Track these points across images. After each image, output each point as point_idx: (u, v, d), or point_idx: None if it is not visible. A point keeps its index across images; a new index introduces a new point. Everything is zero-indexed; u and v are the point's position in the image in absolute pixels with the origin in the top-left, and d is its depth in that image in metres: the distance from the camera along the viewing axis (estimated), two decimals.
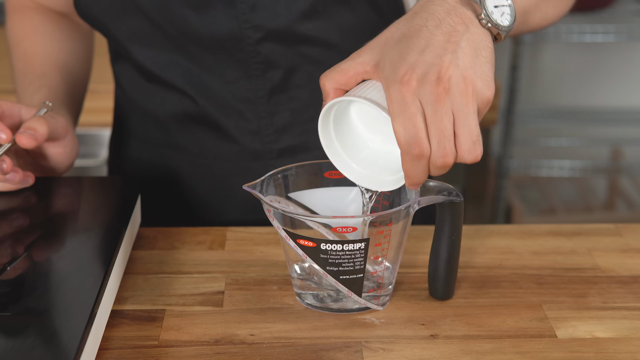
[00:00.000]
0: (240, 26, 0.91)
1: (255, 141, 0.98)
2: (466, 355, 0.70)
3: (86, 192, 0.88)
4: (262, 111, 0.96)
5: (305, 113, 0.97)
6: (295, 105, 0.97)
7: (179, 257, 0.85)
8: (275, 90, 0.95)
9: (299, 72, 0.95)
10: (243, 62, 0.93)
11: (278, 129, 0.97)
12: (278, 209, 0.72)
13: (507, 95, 2.18)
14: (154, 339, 0.72)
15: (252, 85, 0.95)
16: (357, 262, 0.72)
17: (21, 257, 0.75)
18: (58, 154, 0.89)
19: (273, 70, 0.94)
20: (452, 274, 0.77)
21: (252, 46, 0.92)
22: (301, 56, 0.94)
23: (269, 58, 0.93)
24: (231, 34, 0.91)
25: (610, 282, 0.82)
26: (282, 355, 0.70)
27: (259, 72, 0.94)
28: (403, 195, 0.77)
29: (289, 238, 0.71)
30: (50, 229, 0.79)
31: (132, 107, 1.03)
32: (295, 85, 0.96)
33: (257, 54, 0.93)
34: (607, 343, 0.72)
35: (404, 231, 0.74)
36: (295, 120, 0.97)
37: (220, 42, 0.92)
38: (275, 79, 0.95)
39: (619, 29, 2.16)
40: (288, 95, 0.96)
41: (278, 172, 0.77)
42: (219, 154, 0.99)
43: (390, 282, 0.77)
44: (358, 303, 0.75)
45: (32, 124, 0.83)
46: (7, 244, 0.76)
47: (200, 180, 1.02)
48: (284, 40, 0.93)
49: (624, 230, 0.91)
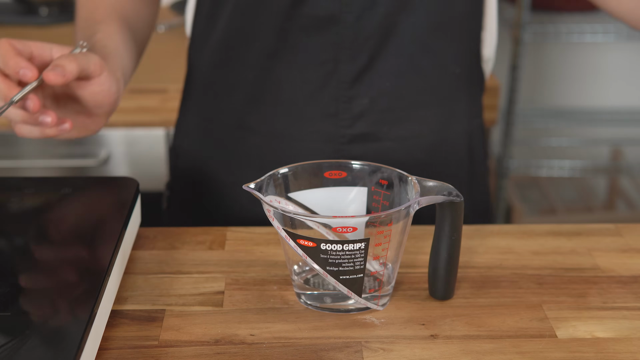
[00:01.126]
0: (341, 9, 0.95)
1: (331, 124, 1.00)
2: (466, 355, 0.70)
3: (86, 192, 0.87)
4: (343, 95, 0.99)
5: (382, 102, 1.00)
6: (374, 92, 0.99)
7: (179, 257, 0.85)
8: (359, 76, 0.98)
9: (383, 62, 0.98)
10: (336, 45, 0.97)
11: (355, 115, 1.00)
12: (278, 209, 0.72)
13: (507, 95, 2.18)
14: (154, 339, 0.72)
15: (339, 68, 0.98)
16: (357, 262, 0.72)
17: (21, 257, 0.75)
18: (95, 94, 0.83)
19: (362, 56, 0.97)
20: (452, 274, 0.77)
21: (347, 30, 0.96)
22: (387, 45, 0.98)
23: (362, 44, 0.97)
24: (331, 15, 0.95)
25: (610, 282, 0.82)
26: (282, 355, 0.70)
27: (348, 57, 0.97)
28: (403, 195, 0.77)
29: (289, 238, 0.71)
30: (51, 229, 0.79)
31: (206, 84, 1.05)
32: (378, 73, 0.98)
33: (352, 40, 0.96)
34: (607, 343, 0.72)
35: (404, 231, 0.74)
36: (373, 108, 1.00)
37: (319, 23, 0.96)
38: (362, 65, 0.98)
39: (619, 29, 2.16)
40: (370, 82, 0.99)
41: (278, 172, 0.77)
42: (291, 134, 1.01)
43: (390, 282, 0.77)
44: (358, 303, 0.75)
45: (60, 61, 0.78)
46: (7, 244, 0.76)
47: (270, 162, 1.01)
48: (377, 27, 0.96)
49: (624, 230, 0.91)
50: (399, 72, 0.99)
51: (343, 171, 0.79)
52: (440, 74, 1.01)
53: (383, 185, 0.78)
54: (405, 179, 0.76)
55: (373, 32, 0.97)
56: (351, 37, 0.97)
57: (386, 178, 0.78)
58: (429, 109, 1.02)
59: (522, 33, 2.08)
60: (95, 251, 0.75)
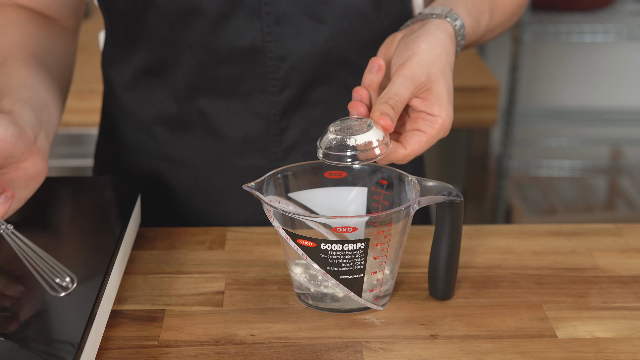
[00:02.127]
0: (263, 39, 0.89)
1: (262, 158, 0.95)
2: (466, 355, 0.70)
3: (86, 192, 0.87)
4: (274, 128, 0.94)
5: (315, 131, 0.95)
6: (306, 123, 0.95)
7: (179, 257, 0.85)
8: (289, 107, 0.93)
9: (314, 90, 0.93)
10: (261, 76, 0.91)
11: (287, 147, 0.95)
12: (278, 209, 0.72)
13: (507, 95, 2.18)
14: (154, 339, 0.72)
15: (266, 101, 0.93)
16: (357, 262, 0.72)
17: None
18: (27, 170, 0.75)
19: (290, 87, 0.92)
20: (452, 274, 0.77)
21: (272, 60, 0.90)
22: (319, 74, 0.92)
23: (288, 74, 0.91)
24: (253, 46, 0.89)
25: (610, 282, 0.82)
26: (282, 355, 0.70)
27: (276, 88, 0.92)
28: (403, 195, 0.77)
29: (289, 238, 0.71)
30: (51, 229, 0.79)
31: (125, 112, 0.98)
32: (310, 103, 0.94)
33: (277, 69, 0.91)
34: (607, 343, 0.72)
35: (404, 231, 0.74)
36: (304, 138, 0.95)
37: (240, 54, 0.90)
38: (292, 96, 0.93)
39: (619, 29, 2.16)
40: (301, 112, 0.94)
41: (278, 172, 0.77)
42: (220, 169, 0.97)
43: (390, 282, 0.77)
44: (358, 303, 0.75)
45: None
46: (7, 244, 0.76)
47: (198, 195, 0.98)
48: (306, 57, 0.90)
49: (624, 230, 0.91)
50: (331, 98, 0.94)
51: (343, 171, 0.78)
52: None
53: (383, 185, 0.78)
54: (405, 178, 0.76)
55: (301, 60, 0.91)
56: (277, 67, 0.91)
57: (386, 178, 0.78)
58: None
59: (522, 33, 2.08)
60: (95, 251, 0.75)
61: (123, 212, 0.82)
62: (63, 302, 0.67)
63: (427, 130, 0.76)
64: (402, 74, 0.76)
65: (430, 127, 0.76)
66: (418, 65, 0.76)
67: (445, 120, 0.76)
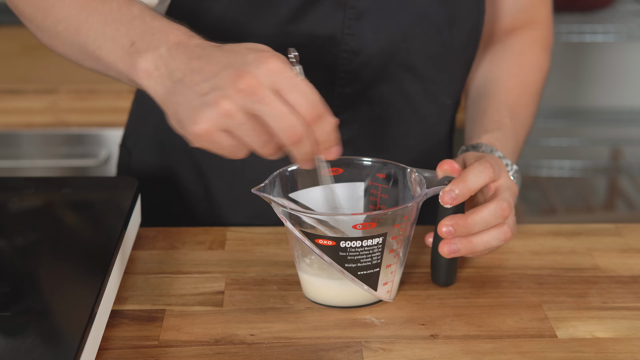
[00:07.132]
0: (343, 31, 0.90)
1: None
2: (466, 355, 0.70)
3: (86, 192, 0.87)
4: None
5: (370, 128, 0.95)
6: (364, 119, 0.95)
7: (179, 257, 0.85)
8: (350, 101, 0.94)
9: (377, 88, 0.94)
10: (330, 67, 0.91)
11: (343, 142, 0.95)
12: (293, 210, 0.73)
13: None
14: (154, 339, 0.72)
15: (332, 92, 0.92)
16: (375, 256, 0.73)
17: (21, 257, 0.75)
18: None
19: (357, 81, 0.92)
20: (454, 259, 0.78)
21: (346, 53, 0.91)
22: (384, 73, 0.93)
23: (358, 69, 0.91)
24: (331, 36, 0.90)
25: (610, 282, 0.82)
26: (282, 355, 0.70)
27: (344, 81, 0.92)
28: (401, 187, 0.78)
29: (305, 238, 0.72)
30: (51, 229, 0.79)
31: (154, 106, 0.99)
32: (369, 100, 0.94)
33: (348, 62, 0.91)
34: (607, 343, 0.72)
35: (414, 223, 0.76)
36: (361, 134, 0.95)
37: (316, 42, 0.90)
38: (356, 90, 0.93)
39: (619, 29, 2.16)
40: (359, 108, 0.94)
41: (278, 173, 0.77)
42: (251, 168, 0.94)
43: (400, 274, 0.78)
44: (369, 297, 0.76)
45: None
46: (7, 244, 0.76)
47: (201, 195, 0.98)
48: (378, 55, 0.91)
49: (624, 230, 0.91)
50: (389, 99, 0.95)
51: (339, 167, 0.79)
52: (430, 104, 0.97)
53: (381, 178, 0.79)
54: (403, 171, 0.78)
55: (373, 56, 0.92)
56: (349, 60, 0.91)
57: (384, 171, 0.79)
58: (413, 137, 0.98)
59: None
60: (95, 251, 0.75)
61: (123, 212, 0.82)
62: (63, 302, 0.67)
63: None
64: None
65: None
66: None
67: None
